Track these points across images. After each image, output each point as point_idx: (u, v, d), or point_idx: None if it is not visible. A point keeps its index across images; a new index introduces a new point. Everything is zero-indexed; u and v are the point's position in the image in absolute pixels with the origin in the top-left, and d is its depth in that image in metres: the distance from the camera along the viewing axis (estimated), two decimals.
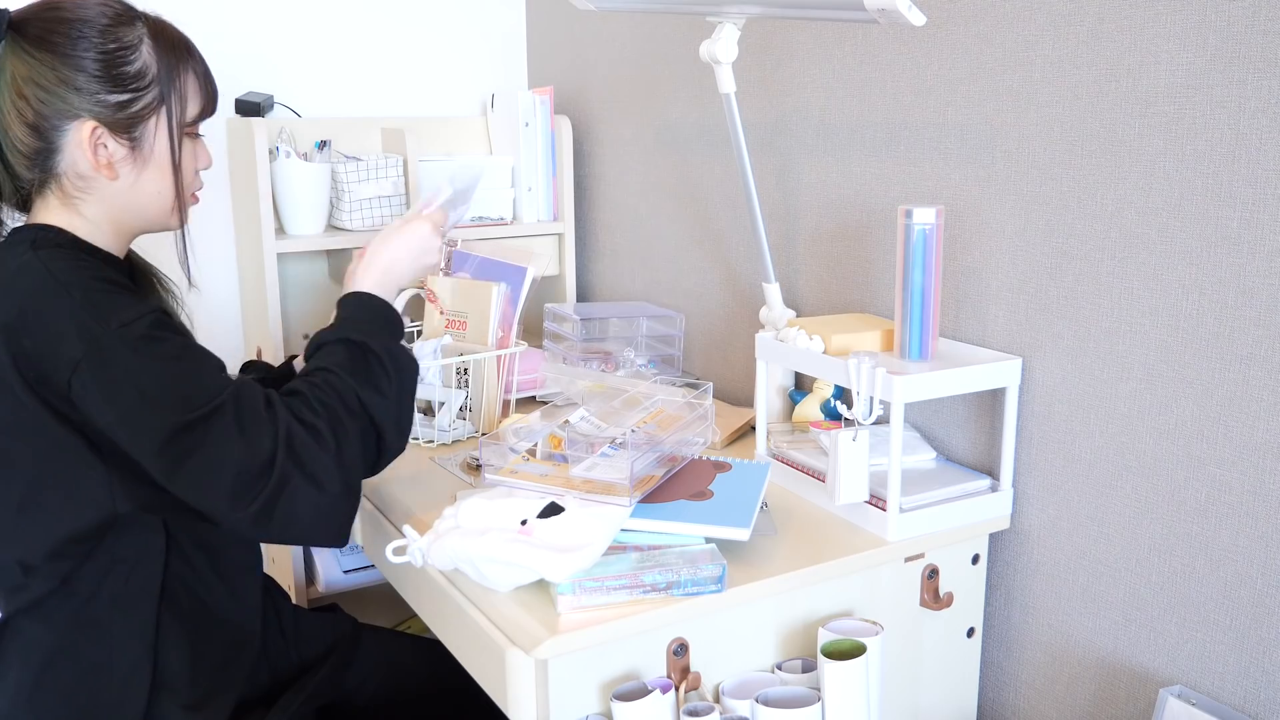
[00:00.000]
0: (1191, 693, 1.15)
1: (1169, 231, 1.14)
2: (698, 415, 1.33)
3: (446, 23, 2.28)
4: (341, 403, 1.11)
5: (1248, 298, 1.08)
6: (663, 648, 1.10)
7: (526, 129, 2.10)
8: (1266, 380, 1.07)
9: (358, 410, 1.12)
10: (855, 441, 1.22)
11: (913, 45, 1.41)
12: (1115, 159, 1.18)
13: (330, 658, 1.38)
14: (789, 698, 1.11)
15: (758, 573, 1.14)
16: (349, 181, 1.94)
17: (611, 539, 1.11)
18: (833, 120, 1.56)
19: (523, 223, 2.14)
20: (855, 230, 1.54)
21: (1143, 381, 1.19)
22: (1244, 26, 1.05)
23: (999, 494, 1.32)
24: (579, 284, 2.27)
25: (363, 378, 1.14)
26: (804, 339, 1.35)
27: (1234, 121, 1.07)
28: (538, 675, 1.04)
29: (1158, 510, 1.19)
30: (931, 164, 1.41)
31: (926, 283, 1.28)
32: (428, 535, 1.15)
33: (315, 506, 1.08)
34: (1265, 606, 1.10)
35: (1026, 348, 1.31)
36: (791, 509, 1.32)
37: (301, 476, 1.06)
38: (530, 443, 1.29)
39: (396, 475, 1.45)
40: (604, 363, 1.79)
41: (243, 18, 2.07)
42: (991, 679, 1.42)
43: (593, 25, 2.13)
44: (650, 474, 1.22)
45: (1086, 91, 1.20)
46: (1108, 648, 1.26)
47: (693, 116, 1.87)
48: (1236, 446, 1.11)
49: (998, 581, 1.39)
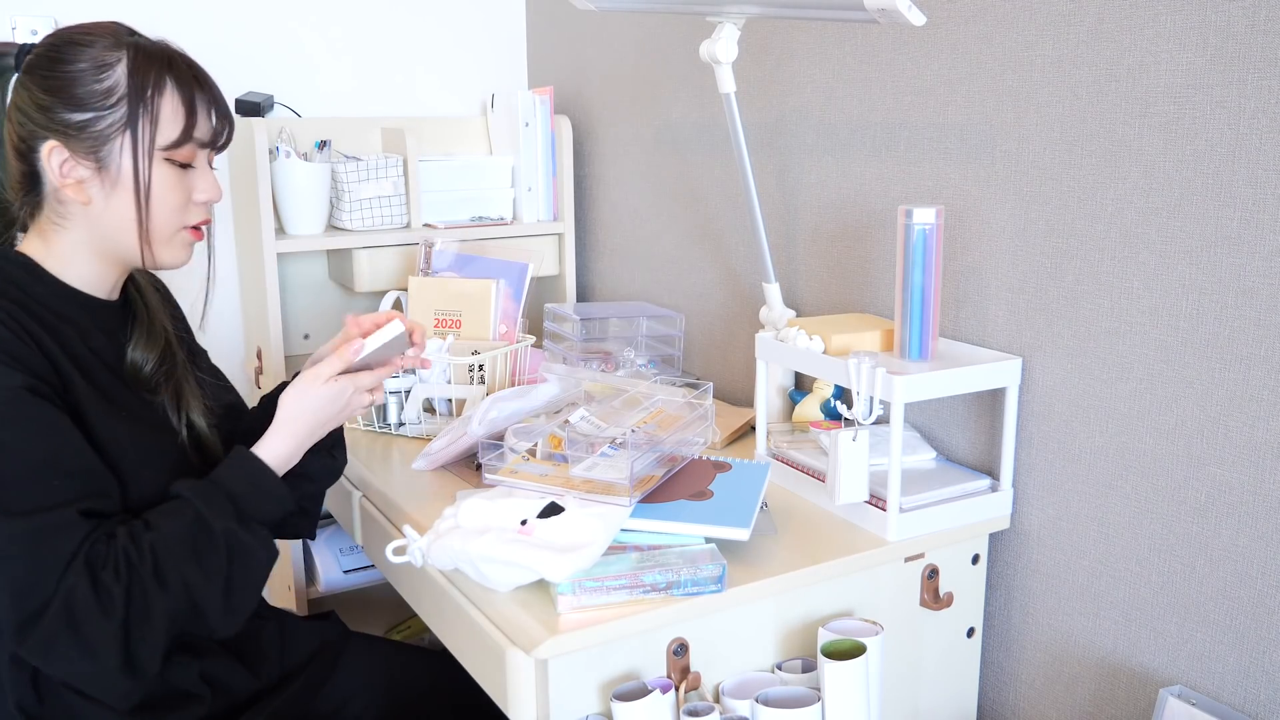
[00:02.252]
0: (1191, 693, 1.15)
1: (1169, 231, 1.14)
2: (698, 415, 1.33)
3: (446, 23, 2.28)
4: (154, 575, 1.03)
5: (1248, 298, 1.08)
6: (663, 648, 1.10)
7: (526, 129, 2.10)
8: (1266, 380, 1.07)
9: (176, 588, 1.05)
10: (855, 441, 1.22)
11: (913, 45, 1.41)
12: (1115, 159, 1.18)
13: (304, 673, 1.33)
14: (789, 698, 1.11)
15: (758, 573, 1.14)
16: (349, 181, 1.94)
17: (611, 539, 1.11)
18: (833, 120, 1.56)
19: (523, 222, 2.14)
20: (855, 230, 1.54)
21: (1143, 381, 1.19)
22: (1244, 26, 1.05)
23: (999, 494, 1.32)
24: (579, 284, 2.27)
25: (191, 556, 1.06)
26: (804, 339, 1.35)
27: (1234, 121, 1.07)
28: (538, 675, 1.04)
29: (1158, 510, 1.19)
30: (931, 164, 1.41)
31: (926, 283, 1.28)
32: (428, 535, 1.15)
33: (83, 675, 1.02)
34: (1265, 606, 1.10)
35: (1026, 348, 1.31)
36: (791, 509, 1.32)
37: (69, 639, 1.00)
38: (530, 442, 1.29)
39: (397, 475, 1.46)
40: (604, 363, 1.79)
41: (243, 18, 2.07)
42: (991, 679, 1.42)
43: (593, 25, 2.13)
44: (650, 474, 1.22)
45: (1086, 91, 1.20)
46: (1108, 648, 1.26)
47: (693, 116, 1.87)
48: (1236, 446, 1.11)
49: (998, 581, 1.39)
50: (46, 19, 1.88)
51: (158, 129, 1.11)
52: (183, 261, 1.19)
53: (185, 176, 1.15)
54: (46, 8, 1.89)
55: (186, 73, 1.13)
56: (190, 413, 1.22)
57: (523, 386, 1.50)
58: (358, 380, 1.20)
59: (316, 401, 1.18)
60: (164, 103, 1.11)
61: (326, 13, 2.15)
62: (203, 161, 1.17)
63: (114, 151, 1.10)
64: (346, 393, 1.19)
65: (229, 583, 1.09)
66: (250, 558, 1.11)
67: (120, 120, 1.10)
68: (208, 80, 1.16)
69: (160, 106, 1.11)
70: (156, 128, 1.11)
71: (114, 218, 1.13)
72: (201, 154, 1.16)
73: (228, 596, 1.09)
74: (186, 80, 1.13)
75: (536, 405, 1.42)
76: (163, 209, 1.14)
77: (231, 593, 1.10)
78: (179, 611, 1.06)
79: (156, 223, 1.14)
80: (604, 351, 1.81)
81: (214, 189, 1.18)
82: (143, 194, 1.12)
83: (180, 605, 1.05)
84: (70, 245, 1.14)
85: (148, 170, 1.11)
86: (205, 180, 1.17)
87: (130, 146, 1.10)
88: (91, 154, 1.10)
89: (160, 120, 1.11)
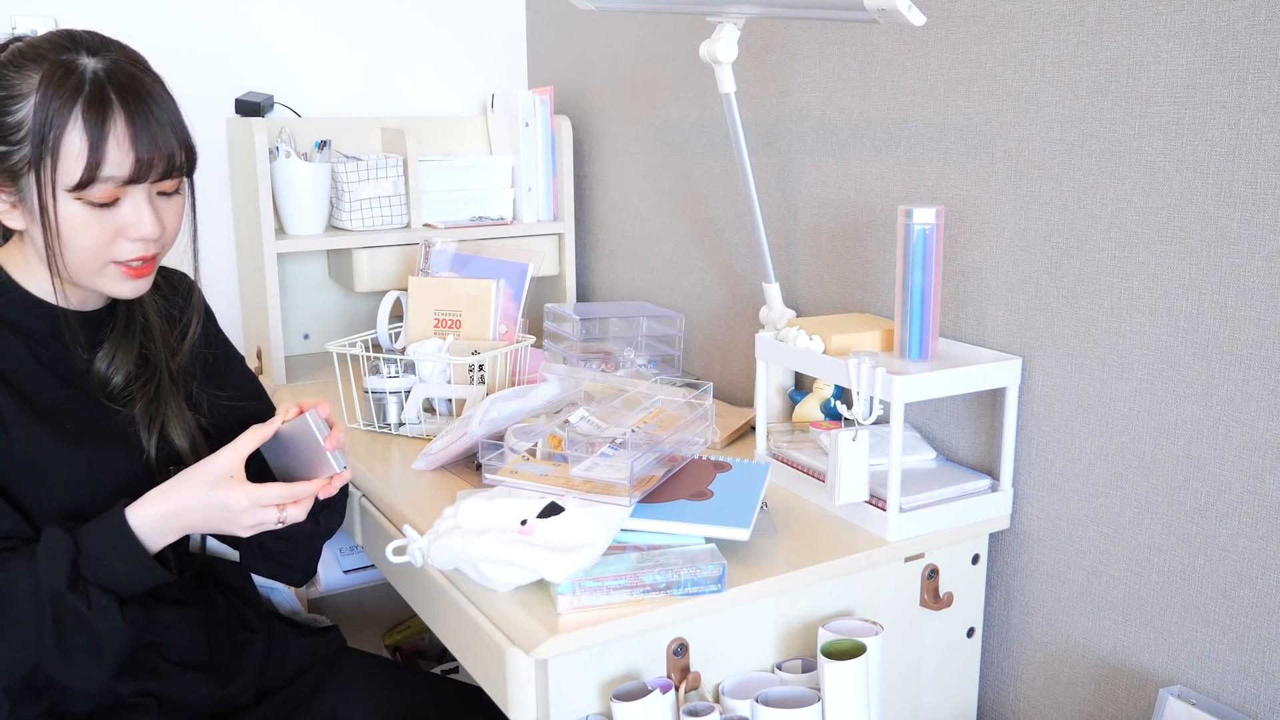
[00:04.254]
0: (1191, 693, 1.15)
1: (1169, 231, 1.14)
2: (698, 415, 1.33)
3: (446, 23, 2.28)
4: None
5: (1248, 298, 1.08)
6: (663, 648, 1.10)
7: (526, 129, 2.10)
8: (1266, 380, 1.07)
9: None
10: (855, 441, 1.22)
11: (913, 45, 1.41)
12: (1115, 159, 1.18)
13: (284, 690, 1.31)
14: (789, 698, 1.11)
15: (758, 573, 1.14)
16: (349, 181, 1.94)
17: (611, 539, 1.11)
18: (833, 120, 1.56)
19: (523, 222, 2.14)
20: (855, 230, 1.54)
21: (1143, 381, 1.19)
22: (1244, 26, 1.05)
23: (999, 494, 1.32)
24: (579, 284, 2.27)
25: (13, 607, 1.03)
26: (804, 339, 1.35)
27: (1234, 121, 1.07)
28: (538, 675, 1.04)
29: (1158, 510, 1.19)
30: (931, 164, 1.41)
31: (926, 283, 1.28)
32: (428, 535, 1.15)
33: None
34: (1265, 606, 1.10)
35: (1026, 348, 1.31)
36: (791, 509, 1.32)
37: None
38: (530, 442, 1.29)
39: (397, 475, 1.46)
40: (604, 363, 1.79)
41: (242, 17, 2.07)
42: (991, 679, 1.42)
43: (593, 25, 2.13)
44: (650, 474, 1.22)
45: (1086, 91, 1.20)
46: (1108, 648, 1.26)
47: (693, 116, 1.87)
48: (1236, 446, 1.11)
49: (998, 581, 1.39)
50: (46, 19, 1.88)
51: (58, 169, 1.04)
52: (125, 294, 1.13)
53: (107, 214, 1.08)
54: (46, 8, 1.89)
55: (102, 104, 1.04)
56: (169, 432, 1.20)
57: (523, 386, 1.50)
58: (261, 493, 1.08)
59: (200, 502, 1.07)
60: (67, 141, 1.03)
61: (327, 13, 2.15)
62: (139, 196, 1.09)
63: (28, 186, 1.05)
64: (239, 505, 1.07)
65: (62, 642, 1.04)
66: (83, 624, 1.03)
67: (26, 157, 1.04)
68: (141, 109, 1.06)
69: (62, 145, 1.03)
70: (57, 168, 1.04)
71: (39, 248, 1.10)
72: (135, 189, 1.08)
73: (66, 656, 1.04)
74: (99, 114, 1.04)
75: (536, 405, 1.42)
76: (75, 249, 1.08)
77: (71, 654, 1.04)
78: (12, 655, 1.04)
79: (72, 259, 1.09)
80: (604, 351, 1.81)
81: (145, 226, 1.09)
82: (51, 233, 1.06)
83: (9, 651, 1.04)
84: (33, 256, 1.13)
85: (53, 209, 1.05)
86: (138, 216, 1.08)
87: (35, 185, 1.05)
88: (11, 184, 1.07)
89: (62, 159, 1.04)
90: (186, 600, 1.25)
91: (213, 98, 2.03)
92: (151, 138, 1.07)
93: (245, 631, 1.32)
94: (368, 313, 2.11)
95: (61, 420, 1.13)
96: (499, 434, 1.33)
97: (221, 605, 1.32)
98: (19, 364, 1.13)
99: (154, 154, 1.07)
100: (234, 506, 1.07)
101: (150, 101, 1.08)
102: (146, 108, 1.07)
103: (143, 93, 1.07)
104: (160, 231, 1.11)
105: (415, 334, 1.69)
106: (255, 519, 1.09)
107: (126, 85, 1.06)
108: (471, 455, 1.46)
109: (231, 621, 1.32)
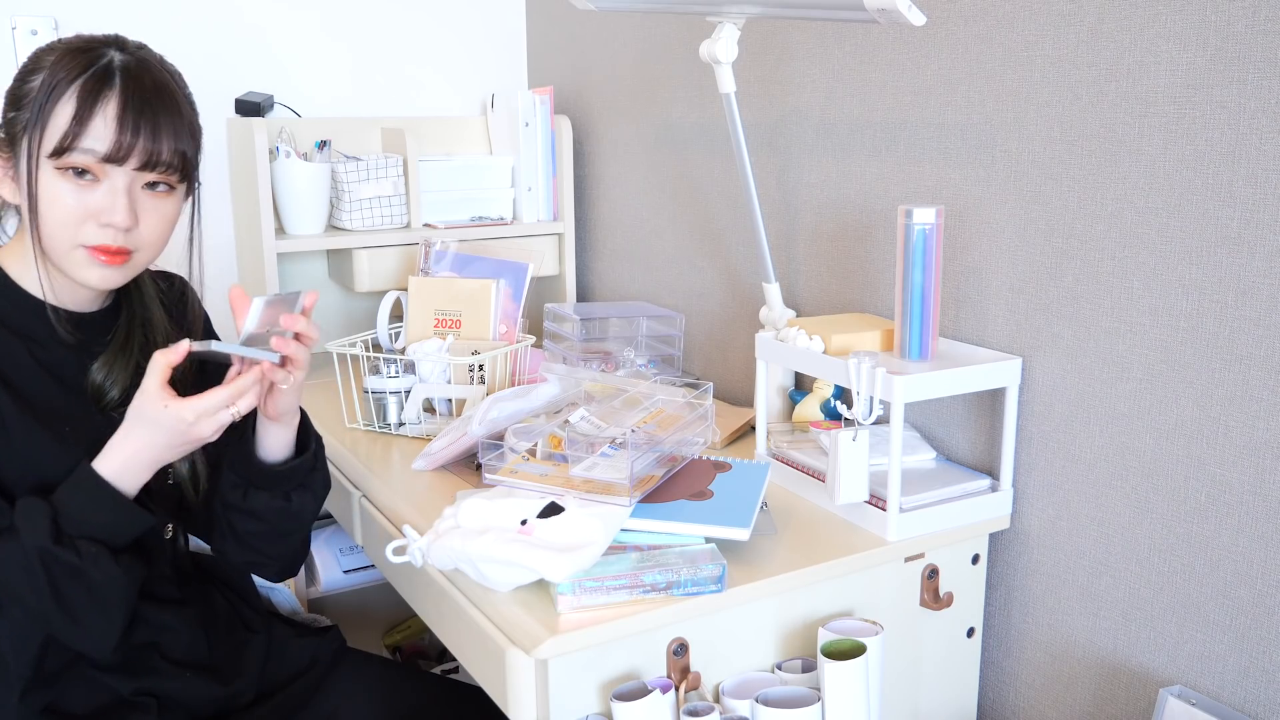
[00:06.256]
0: (1191, 693, 1.15)
1: (1169, 231, 1.14)
2: (698, 415, 1.33)
3: (446, 23, 2.28)
4: None
5: (1248, 298, 1.08)
6: (663, 648, 1.10)
7: (526, 129, 2.10)
8: (1266, 380, 1.07)
9: None
10: (855, 441, 1.22)
11: (913, 45, 1.41)
12: (1115, 159, 1.18)
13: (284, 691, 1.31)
14: (789, 698, 1.11)
15: (758, 573, 1.14)
16: (349, 181, 1.94)
17: (611, 539, 1.11)
18: (833, 120, 1.56)
19: (523, 222, 2.14)
20: (855, 230, 1.54)
21: (1143, 381, 1.19)
22: (1244, 26, 1.05)
23: (999, 494, 1.32)
24: (579, 284, 2.27)
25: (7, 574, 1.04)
26: (804, 339, 1.35)
27: (1234, 121, 1.07)
28: (538, 675, 1.04)
29: (1158, 510, 1.19)
30: (931, 164, 1.41)
31: (926, 283, 1.28)
32: (428, 535, 1.15)
33: None
34: (1265, 606, 1.10)
35: (1026, 348, 1.31)
36: (791, 509, 1.32)
37: None
38: (530, 442, 1.29)
39: (397, 475, 1.46)
40: (604, 363, 1.79)
41: (243, 17, 2.07)
42: (991, 679, 1.42)
43: (593, 25, 2.13)
44: (650, 474, 1.22)
45: (1086, 91, 1.20)
46: (1107, 648, 1.26)
47: (693, 116, 1.87)
48: (1236, 446, 1.11)
49: (998, 581, 1.39)
50: (46, 19, 1.88)
51: (45, 135, 1.05)
52: (91, 282, 1.11)
53: (84, 193, 1.07)
54: (47, 8, 1.89)
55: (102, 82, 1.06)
56: None
57: (523, 386, 1.50)
58: (202, 403, 1.06)
59: (153, 433, 1.07)
60: (59, 107, 1.05)
61: (326, 13, 2.15)
62: (118, 181, 1.08)
63: (20, 153, 1.07)
64: (187, 419, 1.06)
65: (63, 601, 1.04)
66: (79, 577, 1.04)
67: (26, 121, 1.06)
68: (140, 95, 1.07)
69: (54, 112, 1.05)
70: (44, 134, 1.05)
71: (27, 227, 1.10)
72: (113, 171, 1.07)
73: (71, 618, 1.05)
74: (96, 89, 1.05)
75: (536, 405, 1.42)
76: (48, 221, 1.07)
77: (76, 614, 1.05)
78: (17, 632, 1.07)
79: (45, 233, 1.08)
80: (604, 351, 1.81)
81: (117, 213, 1.07)
82: (26, 199, 1.08)
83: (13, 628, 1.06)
84: (28, 252, 1.12)
85: (34, 176, 1.06)
86: (113, 201, 1.07)
87: (26, 151, 1.06)
88: (9, 150, 1.10)
89: (50, 126, 1.05)
90: (186, 600, 1.25)
91: (213, 98, 2.03)
92: (141, 124, 1.07)
93: (245, 631, 1.32)
94: (368, 313, 2.11)
95: (60, 422, 1.13)
96: (499, 434, 1.33)
97: (221, 605, 1.32)
98: (18, 366, 1.13)
99: (138, 139, 1.06)
100: (184, 421, 1.06)
101: (155, 95, 1.08)
102: (147, 97, 1.07)
103: (149, 84, 1.08)
104: (131, 223, 1.09)
105: (415, 334, 1.69)
106: (211, 424, 1.07)
107: (135, 74, 1.08)
108: (471, 455, 1.46)
109: (231, 621, 1.32)
